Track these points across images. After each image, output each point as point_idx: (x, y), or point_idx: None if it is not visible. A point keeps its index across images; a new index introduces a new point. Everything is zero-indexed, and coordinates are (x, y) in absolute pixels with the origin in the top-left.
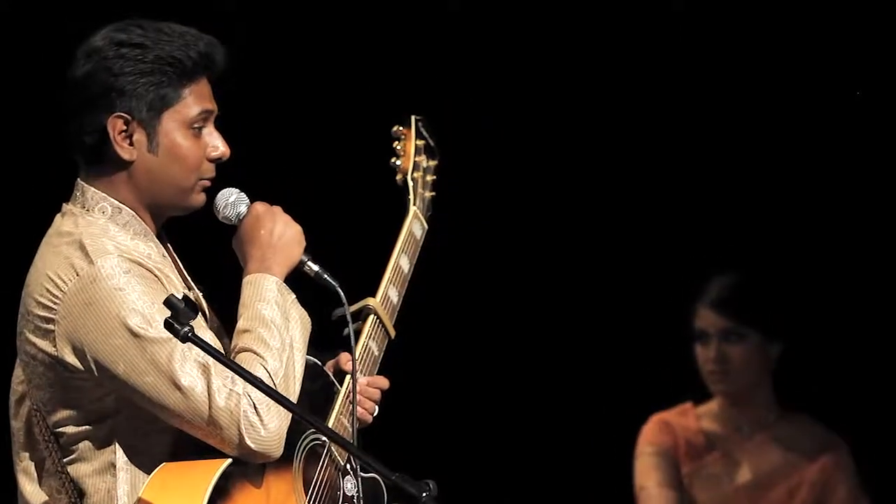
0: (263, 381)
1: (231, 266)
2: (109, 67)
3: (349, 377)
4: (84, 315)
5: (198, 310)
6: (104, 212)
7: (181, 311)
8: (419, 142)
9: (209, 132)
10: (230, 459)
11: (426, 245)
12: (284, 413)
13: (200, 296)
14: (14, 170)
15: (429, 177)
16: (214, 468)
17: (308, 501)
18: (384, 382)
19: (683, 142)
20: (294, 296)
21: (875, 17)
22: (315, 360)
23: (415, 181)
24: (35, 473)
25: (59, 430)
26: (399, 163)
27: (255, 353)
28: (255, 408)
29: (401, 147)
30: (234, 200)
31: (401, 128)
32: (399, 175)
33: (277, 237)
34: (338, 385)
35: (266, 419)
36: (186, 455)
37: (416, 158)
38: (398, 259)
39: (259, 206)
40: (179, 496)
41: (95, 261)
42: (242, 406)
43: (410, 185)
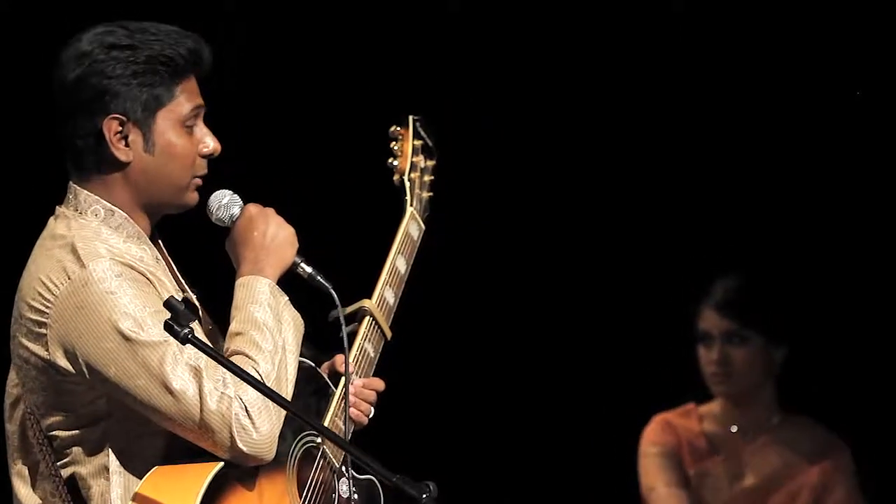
0: (263, 383)
1: (225, 268)
2: (101, 70)
3: (343, 380)
4: (76, 318)
5: (197, 312)
6: (97, 214)
7: (181, 313)
8: (417, 142)
9: (200, 129)
10: (222, 462)
11: (424, 245)
12: (276, 416)
13: (194, 298)
14: (8, 172)
15: (426, 177)
16: (206, 471)
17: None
18: (380, 384)
19: (687, 142)
20: (287, 298)
21: (875, 17)
22: (310, 363)
23: (412, 181)
24: (29, 477)
25: (53, 434)
26: (396, 163)
27: (247, 356)
28: (247, 411)
29: (398, 147)
30: (228, 202)
31: (398, 128)
32: (396, 175)
33: (270, 239)
34: (332, 387)
35: (258, 422)
36: (179, 458)
37: (414, 159)
38: (395, 260)
39: (252, 208)
40: (171, 499)
41: (87, 264)
42: (234, 409)
43: (407, 186)
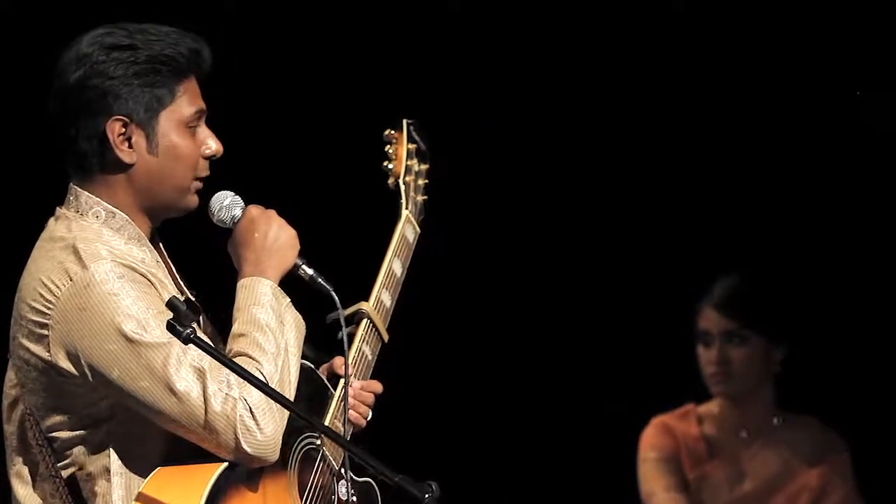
0: (266, 384)
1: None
2: (103, 71)
3: (342, 381)
4: (78, 320)
5: (199, 312)
6: (98, 216)
7: (183, 314)
8: (411, 145)
9: (202, 130)
10: (226, 463)
11: (420, 248)
12: (280, 417)
13: (193, 300)
14: (8, 172)
15: (420, 180)
16: (210, 472)
17: None
18: (378, 387)
19: (687, 142)
20: (288, 299)
21: (875, 17)
22: (309, 364)
23: (407, 185)
24: (28, 477)
25: (53, 435)
26: (391, 167)
27: (251, 358)
28: (252, 412)
29: (392, 151)
30: (229, 203)
31: (392, 131)
32: (391, 179)
33: (272, 241)
34: (331, 389)
35: (262, 423)
36: (181, 459)
37: (408, 162)
38: (391, 263)
39: (254, 210)
40: (175, 500)
41: (89, 265)
42: (239, 411)
43: (402, 189)
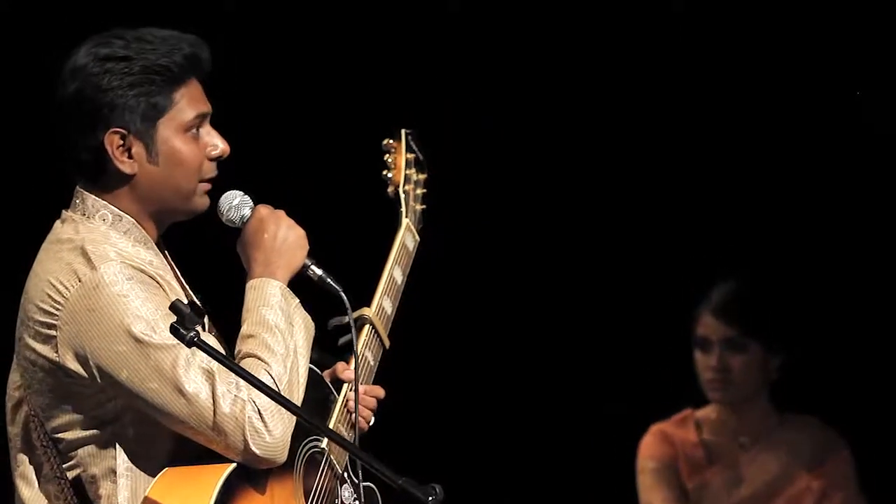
0: (270, 388)
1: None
2: (97, 84)
3: (346, 386)
4: (87, 321)
5: (203, 315)
6: (105, 219)
7: (187, 316)
8: (409, 155)
9: (207, 132)
10: (234, 465)
11: (420, 253)
12: (289, 419)
13: (197, 303)
14: (13, 174)
15: (419, 190)
16: (217, 474)
17: None
18: (380, 392)
19: (685, 147)
20: (297, 300)
21: (875, 17)
22: (313, 368)
23: (406, 194)
24: (33, 478)
25: (58, 436)
26: (390, 175)
27: (260, 359)
28: (260, 414)
29: (391, 160)
30: (238, 203)
31: (391, 141)
32: (391, 188)
33: (281, 241)
34: (335, 393)
35: (271, 425)
36: (188, 461)
37: (407, 171)
38: (391, 271)
39: (263, 210)
40: (184, 501)
41: (98, 267)
42: (247, 412)
43: (402, 198)
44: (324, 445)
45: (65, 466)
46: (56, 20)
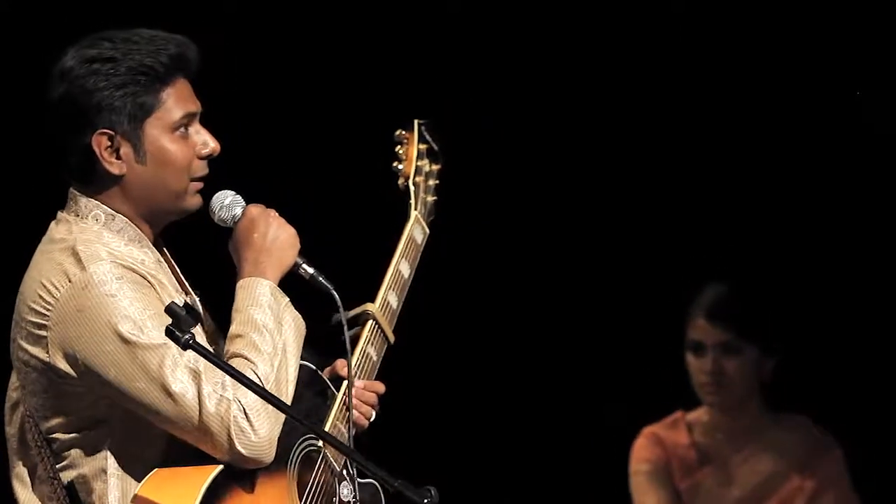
0: (263, 387)
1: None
2: (83, 85)
3: (345, 383)
4: (76, 321)
5: (199, 316)
6: (98, 219)
7: (182, 319)
8: (422, 146)
9: (196, 131)
10: (222, 465)
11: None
12: (275, 418)
13: (197, 300)
14: (13, 175)
15: (431, 181)
16: (206, 474)
17: None
18: (380, 387)
19: (680, 149)
20: (288, 299)
21: (875, 17)
22: (311, 366)
23: (416, 186)
24: (28, 479)
25: (52, 437)
26: (401, 167)
27: (246, 359)
28: (246, 413)
29: (403, 151)
30: (230, 203)
31: (403, 132)
32: (401, 180)
33: (271, 240)
34: (334, 390)
35: (256, 425)
36: (178, 461)
37: (419, 163)
38: (398, 264)
39: (253, 209)
40: (171, 501)
41: (88, 267)
42: (233, 412)
43: (412, 190)
44: (320, 443)
45: (58, 467)
46: (56, 20)
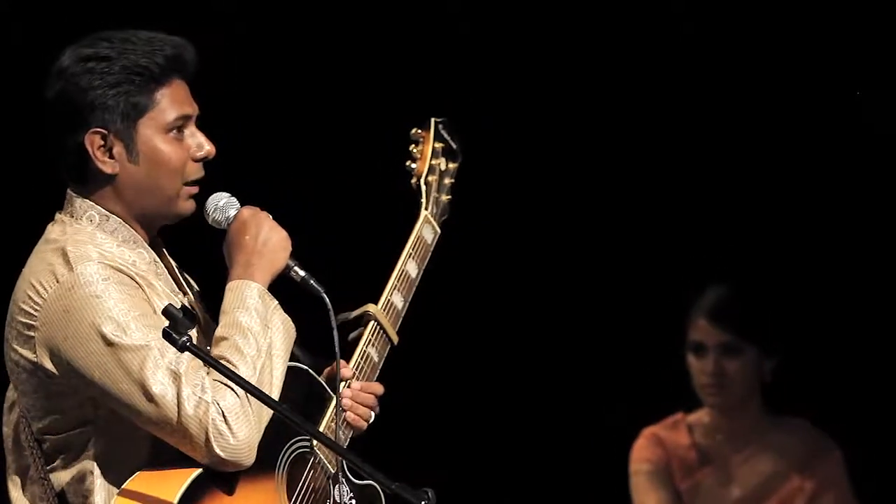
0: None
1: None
2: (78, 84)
3: (342, 384)
4: (62, 322)
5: (195, 319)
6: (92, 220)
7: (179, 321)
8: (437, 144)
9: (191, 133)
10: (201, 468)
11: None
12: (256, 422)
13: (194, 300)
14: (13, 175)
15: (447, 180)
16: (186, 476)
17: None
18: (378, 388)
19: (680, 151)
20: (276, 302)
21: (875, 17)
22: (302, 367)
23: (428, 185)
24: (21, 480)
25: (43, 437)
26: (414, 166)
27: (228, 361)
28: (224, 416)
29: (418, 150)
30: (224, 204)
31: (420, 130)
32: (414, 179)
33: (262, 243)
34: (330, 392)
35: (235, 428)
36: (165, 463)
37: (433, 162)
38: (405, 264)
39: (245, 211)
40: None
41: (75, 267)
42: (211, 414)
43: (423, 189)
44: (313, 444)
45: (48, 468)
46: (56, 20)
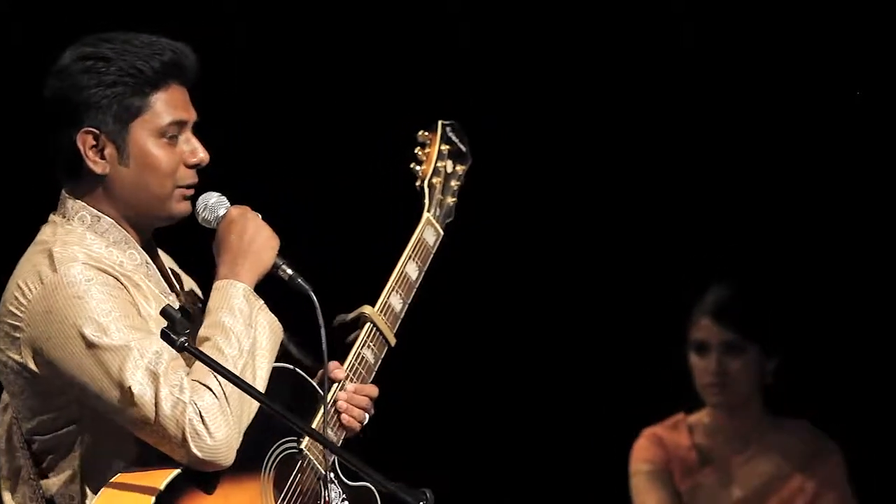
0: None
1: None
2: (73, 83)
3: (335, 386)
4: (45, 323)
5: (193, 320)
6: (83, 221)
7: (178, 321)
8: (444, 147)
9: (186, 139)
10: (179, 469)
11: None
12: (235, 422)
13: (186, 301)
14: (11, 176)
15: (453, 182)
16: (164, 477)
17: None
18: (373, 391)
19: (682, 149)
20: (262, 302)
21: (875, 19)
22: (290, 367)
23: (432, 187)
24: (13, 481)
25: (32, 438)
26: (419, 168)
27: None
28: (202, 416)
29: (424, 152)
30: (213, 204)
31: (426, 133)
32: (419, 181)
33: (248, 242)
34: (322, 393)
35: (213, 428)
36: (149, 463)
37: (438, 164)
38: (404, 266)
39: (233, 211)
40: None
41: (59, 269)
42: (188, 414)
43: (426, 192)
44: (303, 446)
45: (38, 468)
46: (56, 20)
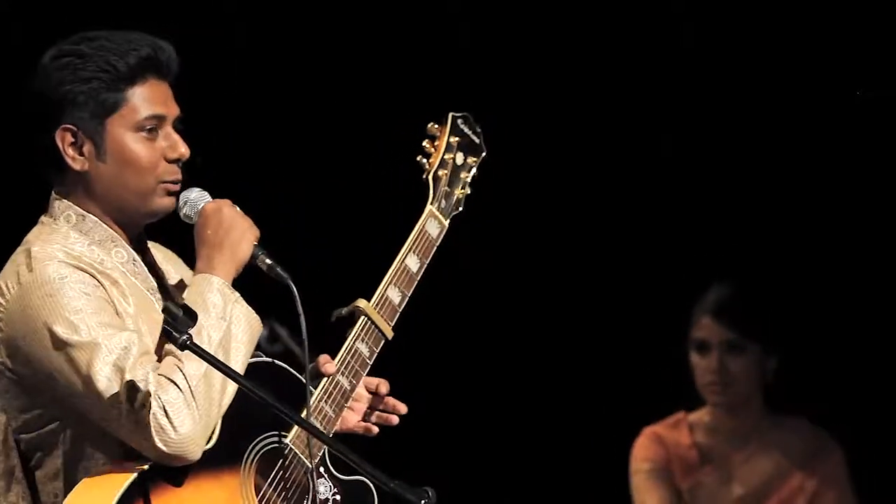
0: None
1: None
2: (52, 81)
3: (325, 380)
4: (21, 321)
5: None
6: (69, 220)
7: (179, 319)
8: (453, 139)
9: (166, 134)
10: (146, 465)
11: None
12: (201, 416)
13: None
14: (11, 176)
15: (463, 174)
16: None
17: None
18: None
19: (683, 149)
20: (238, 295)
21: (875, 19)
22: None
23: (437, 179)
24: (9, 480)
25: (19, 436)
26: (426, 160)
27: (175, 356)
28: (165, 410)
29: (433, 145)
30: (194, 199)
31: (436, 125)
32: (425, 173)
33: (223, 235)
34: (311, 388)
35: (177, 422)
36: (129, 459)
37: (447, 156)
38: (405, 259)
39: (208, 206)
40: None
41: (35, 268)
42: (152, 409)
43: (431, 184)
44: (287, 441)
45: (27, 467)
46: (56, 20)
